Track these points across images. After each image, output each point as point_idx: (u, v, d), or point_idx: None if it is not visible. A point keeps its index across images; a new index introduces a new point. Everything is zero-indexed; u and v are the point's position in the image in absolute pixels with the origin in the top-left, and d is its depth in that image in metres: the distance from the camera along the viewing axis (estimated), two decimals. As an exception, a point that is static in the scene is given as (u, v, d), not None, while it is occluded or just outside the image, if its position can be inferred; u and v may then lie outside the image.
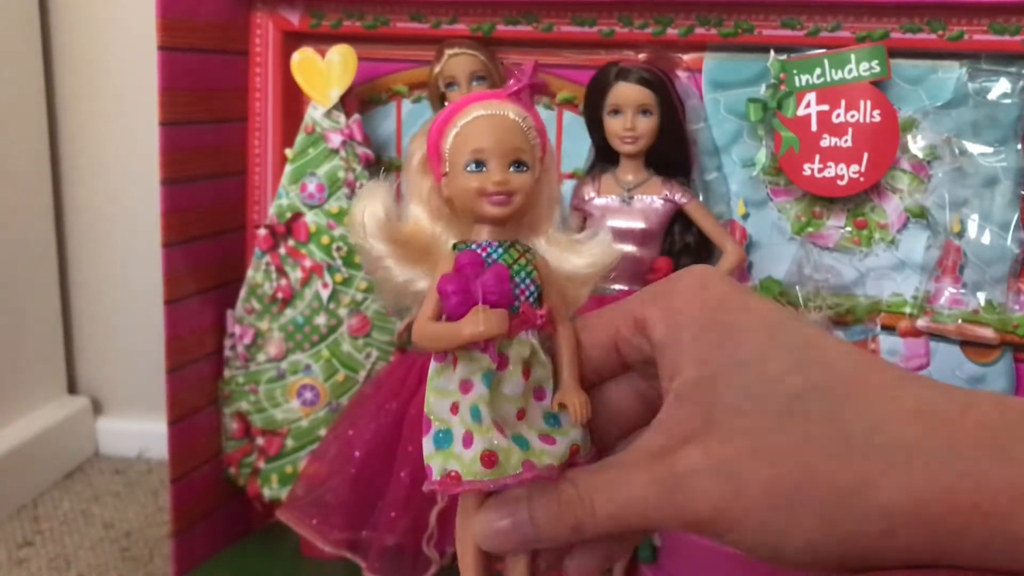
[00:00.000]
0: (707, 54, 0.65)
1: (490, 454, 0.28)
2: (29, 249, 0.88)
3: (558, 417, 0.30)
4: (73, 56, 0.87)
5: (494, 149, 0.29)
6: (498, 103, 0.30)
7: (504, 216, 0.30)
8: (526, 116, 0.30)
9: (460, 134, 0.30)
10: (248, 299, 0.71)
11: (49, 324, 0.92)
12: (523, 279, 0.30)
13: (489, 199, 0.29)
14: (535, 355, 0.30)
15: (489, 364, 0.29)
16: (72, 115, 0.88)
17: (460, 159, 0.29)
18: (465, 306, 0.28)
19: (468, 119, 0.30)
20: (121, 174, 0.88)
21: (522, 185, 0.29)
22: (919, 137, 0.62)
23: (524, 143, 0.30)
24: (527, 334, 0.29)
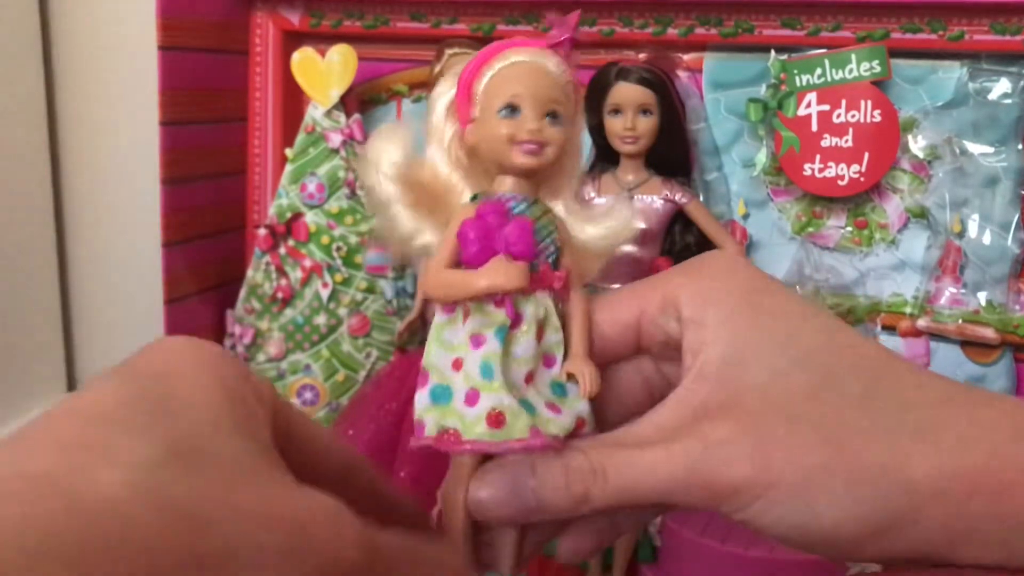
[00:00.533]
0: (707, 54, 0.65)
1: (498, 414, 0.26)
2: (29, 248, 0.88)
3: (564, 387, 0.28)
4: (73, 56, 0.87)
5: (531, 97, 0.28)
6: (539, 51, 0.29)
7: (534, 167, 0.28)
8: (565, 69, 0.29)
9: (496, 78, 0.28)
10: (248, 299, 0.71)
11: (49, 323, 0.92)
12: (543, 237, 0.29)
13: (521, 147, 0.28)
14: (549, 318, 0.28)
15: (504, 320, 0.27)
16: (72, 115, 0.88)
17: (493, 103, 0.28)
18: (485, 254, 0.27)
19: (506, 63, 0.28)
20: (121, 174, 0.88)
21: (555, 137, 0.28)
22: (920, 137, 0.62)
23: (561, 95, 0.28)
24: (543, 295, 0.28)
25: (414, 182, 0.29)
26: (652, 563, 0.64)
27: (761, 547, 0.59)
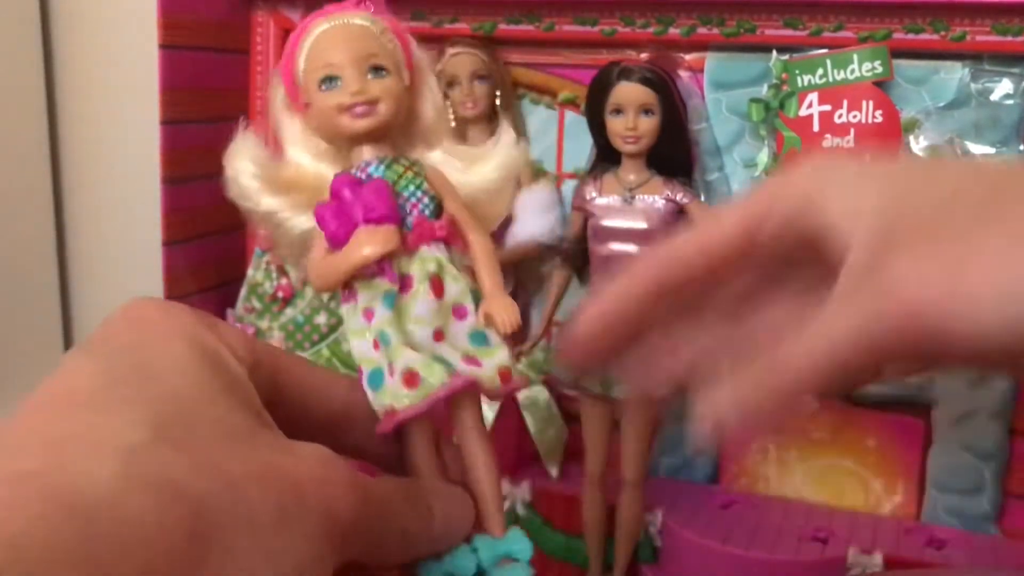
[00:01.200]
0: (709, 54, 0.64)
1: (410, 372, 0.26)
2: (29, 247, 0.88)
3: (486, 335, 0.27)
4: (73, 54, 0.87)
5: (344, 59, 0.27)
6: (340, 13, 0.28)
7: (372, 128, 0.27)
8: (376, 20, 0.28)
9: (308, 55, 0.28)
10: (248, 298, 0.71)
11: (49, 322, 0.92)
12: (413, 192, 0.28)
13: (350, 112, 0.27)
14: (444, 270, 0.27)
15: (388, 286, 0.27)
16: (72, 114, 0.88)
17: (313, 81, 0.27)
18: (346, 229, 0.27)
19: (312, 37, 0.28)
20: (121, 172, 0.88)
21: (385, 90, 0.27)
22: (921, 138, 0.61)
23: (378, 47, 0.28)
24: (431, 249, 0.27)
25: (283, 185, 0.29)
26: (653, 563, 0.64)
27: (761, 547, 0.59)
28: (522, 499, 0.66)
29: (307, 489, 0.21)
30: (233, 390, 0.22)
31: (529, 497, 0.66)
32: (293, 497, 0.21)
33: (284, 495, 0.20)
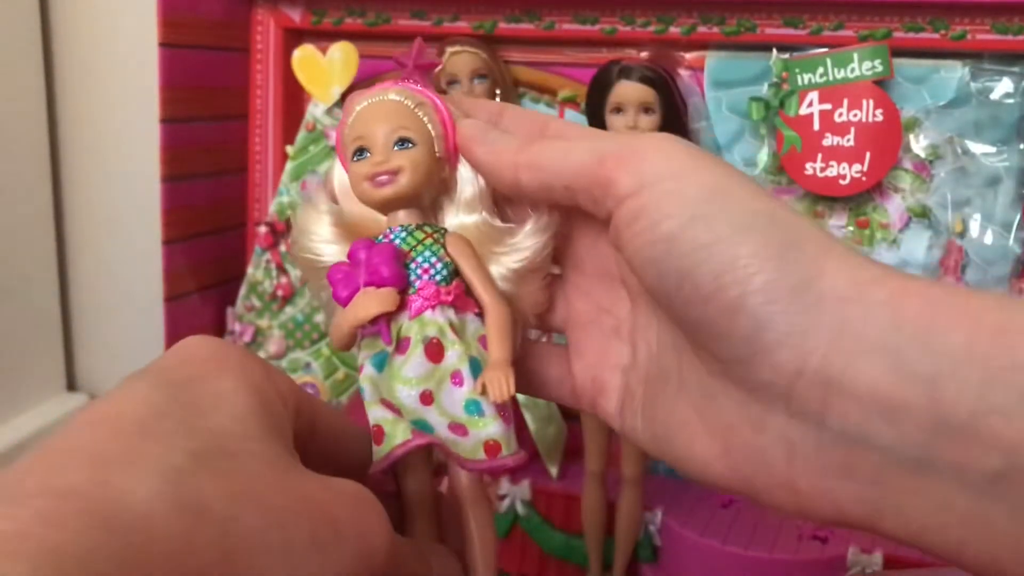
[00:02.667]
0: (709, 52, 0.64)
1: (376, 428, 0.27)
2: (28, 246, 0.88)
3: (479, 405, 0.28)
4: (73, 53, 0.87)
5: (373, 134, 0.29)
6: (380, 90, 0.30)
7: (392, 196, 0.28)
8: (412, 94, 0.29)
9: (349, 129, 0.29)
10: (248, 297, 0.71)
11: (48, 321, 0.92)
12: (427, 258, 0.28)
13: (373, 181, 0.28)
14: (445, 336, 0.28)
15: (382, 347, 0.28)
16: (72, 112, 0.88)
17: (348, 151, 0.29)
18: (350, 289, 0.28)
19: (352, 116, 0.30)
20: (121, 171, 0.88)
21: (408, 161, 0.28)
22: (921, 136, 0.61)
23: (408, 120, 0.29)
24: (435, 313, 0.28)
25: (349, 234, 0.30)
26: (652, 563, 0.64)
27: (761, 546, 0.59)
28: (522, 498, 0.66)
29: (343, 523, 0.22)
30: (274, 428, 0.23)
31: (529, 496, 0.66)
32: (328, 530, 0.21)
33: (319, 526, 0.21)
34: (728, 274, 0.23)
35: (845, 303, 0.22)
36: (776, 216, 0.24)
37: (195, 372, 0.23)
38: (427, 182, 0.29)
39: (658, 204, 0.24)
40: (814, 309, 0.22)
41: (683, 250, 0.23)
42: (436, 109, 0.30)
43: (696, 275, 0.23)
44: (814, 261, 0.23)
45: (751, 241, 0.23)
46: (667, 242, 0.24)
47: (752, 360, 0.23)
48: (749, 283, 0.23)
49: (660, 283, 0.25)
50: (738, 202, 0.24)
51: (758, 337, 0.23)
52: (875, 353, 0.21)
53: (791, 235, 0.23)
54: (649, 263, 0.25)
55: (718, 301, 0.23)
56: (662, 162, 0.25)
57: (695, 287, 0.23)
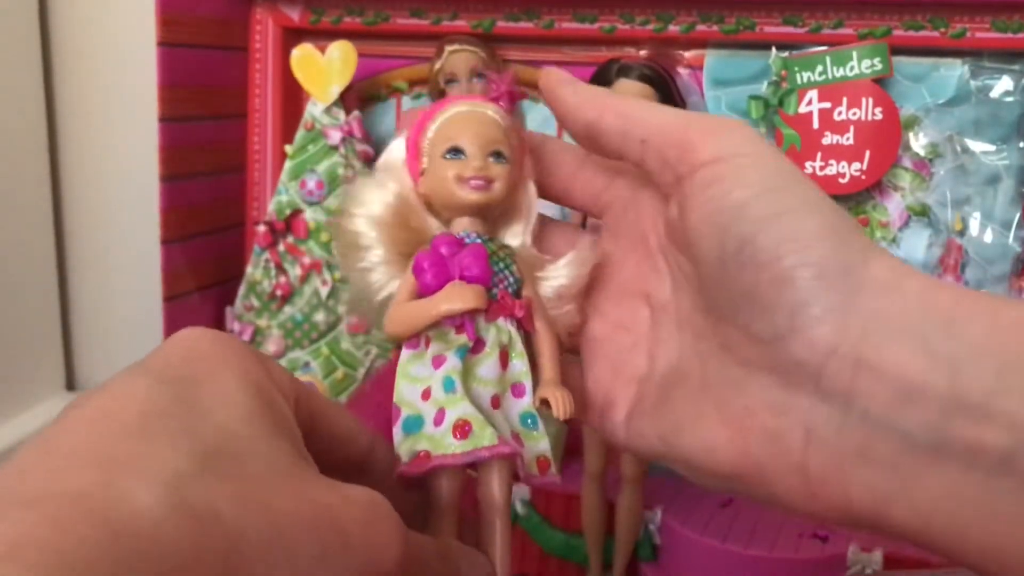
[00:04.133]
0: (708, 51, 0.64)
1: (464, 423, 0.27)
2: (27, 245, 0.87)
3: (536, 419, 0.29)
4: (72, 52, 0.87)
5: (473, 139, 0.29)
6: (478, 101, 0.30)
7: (483, 203, 0.29)
8: (505, 115, 0.30)
9: (440, 127, 0.30)
10: (247, 296, 0.71)
11: (48, 320, 0.92)
12: (501, 269, 0.29)
13: (468, 183, 0.29)
14: (513, 345, 0.29)
15: (465, 341, 0.28)
16: (71, 111, 0.88)
17: (439, 149, 0.29)
18: (440, 280, 0.28)
19: (448, 115, 0.30)
20: (120, 170, 0.88)
21: (502, 174, 0.29)
22: (921, 135, 0.61)
23: (503, 137, 0.30)
24: (506, 323, 0.29)
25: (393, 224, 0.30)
26: (652, 562, 0.64)
27: (760, 545, 0.59)
28: (521, 497, 0.66)
29: (352, 533, 0.21)
30: (281, 428, 0.23)
31: (528, 495, 0.66)
32: (337, 540, 0.21)
33: (327, 536, 0.21)
34: (789, 243, 0.24)
35: (884, 289, 0.24)
36: (834, 206, 0.26)
37: (196, 368, 0.23)
38: (506, 201, 0.30)
39: (735, 174, 0.26)
40: (857, 291, 0.24)
41: (752, 216, 0.25)
42: (519, 136, 0.31)
43: (758, 240, 0.25)
44: (862, 251, 0.24)
45: (816, 218, 0.25)
46: (738, 208, 0.25)
47: (790, 336, 0.24)
48: (806, 255, 0.24)
49: (720, 248, 0.26)
50: (807, 186, 0.26)
51: (802, 311, 0.24)
52: (905, 336, 0.23)
53: (848, 223, 0.25)
54: (714, 228, 0.26)
55: (772, 269, 0.24)
56: (741, 140, 0.27)
57: (754, 252, 0.25)
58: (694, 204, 0.27)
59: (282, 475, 0.21)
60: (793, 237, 0.24)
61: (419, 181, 0.30)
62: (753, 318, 0.25)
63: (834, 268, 0.24)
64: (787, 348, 0.24)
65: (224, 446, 0.21)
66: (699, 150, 0.27)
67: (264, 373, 0.24)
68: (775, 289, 0.24)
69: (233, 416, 0.22)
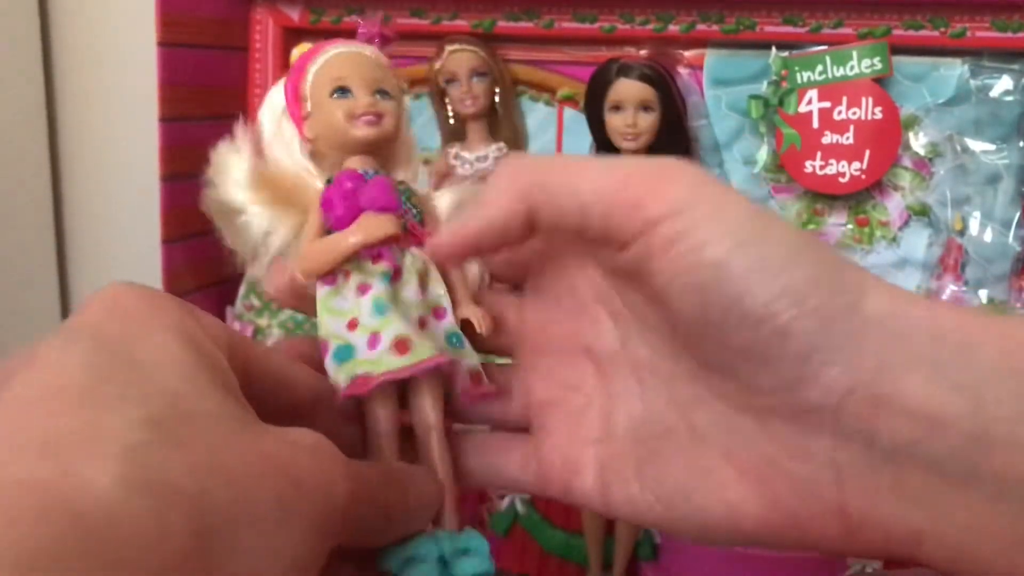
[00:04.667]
0: (708, 50, 0.64)
1: (403, 340, 0.27)
2: (28, 245, 0.87)
3: (461, 337, 0.29)
4: (72, 52, 0.87)
5: (357, 77, 0.29)
6: (353, 42, 0.31)
7: (375, 138, 0.29)
8: (381, 56, 0.31)
9: (321, 70, 0.30)
10: (248, 296, 0.71)
11: (48, 320, 0.92)
12: (405, 201, 0.30)
13: (359, 119, 0.29)
14: (429, 272, 0.29)
15: (385, 268, 0.28)
16: (71, 111, 0.88)
17: (323, 90, 0.30)
18: (352, 212, 0.28)
19: (327, 56, 0.30)
20: (120, 170, 0.88)
21: (389, 109, 0.30)
22: (921, 134, 0.61)
23: (384, 75, 0.30)
24: (418, 251, 0.29)
25: (261, 181, 0.30)
26: (652, 561, 0.64)
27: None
28: (521, 497, 0.66)
29: (305, 479, 0.21)
30: (220, 381, 0.22)
31: (529, 495, 0.66)
32: (291, 489, 0.21)
33: (283, 487, 0.20)
34: (781, 299, 0.23)
35: (889, 320, 0.23)
36: (815, 244, 0.24)
37: (128, 327, 0.21)
38: (396, 137, 0.30)
39: (699, 228, 0.24)
40: (862, 329, 0.23)
41: (733, 275, 0.23)
42: (398, 76, 0.31)
43: (746, 301, 0.23)
44: (857, 285, 0.23)
45: (802, 265, 0.23)
46: (715, 268, 0.23)
47: (800, 384, 0.23)
48: (803, 305, 0.23)
49: (701, 309, 0.24)
50: (779, 229, 0.24)
51: (810, 358, 0.23)
52: (919, 366, 0.22)
53: (835, 261, 0.24)
54: (692, 290, 0.24)
55: (769, 325, 0.23)
56: (690, 187, 0.24)
57: (744, 313, 0.23)
58: (659, 265, 0.24)
59: (231, 431, 0.21)
60: (783, 292, 0.23)
61: (303, 125, 0.30)
62: (755, 372, 0.24)
63: (834, 312, 0.23)
64: (799, 395, 0.23)
65: (171, 409, 0.20)
66: (648, 207, 0.24)
67: (195, 324, 0.23)
68: (776, 344, 0.23)
69: (174, 374, 0.21)
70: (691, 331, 0.25)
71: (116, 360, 0.20)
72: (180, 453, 0.19)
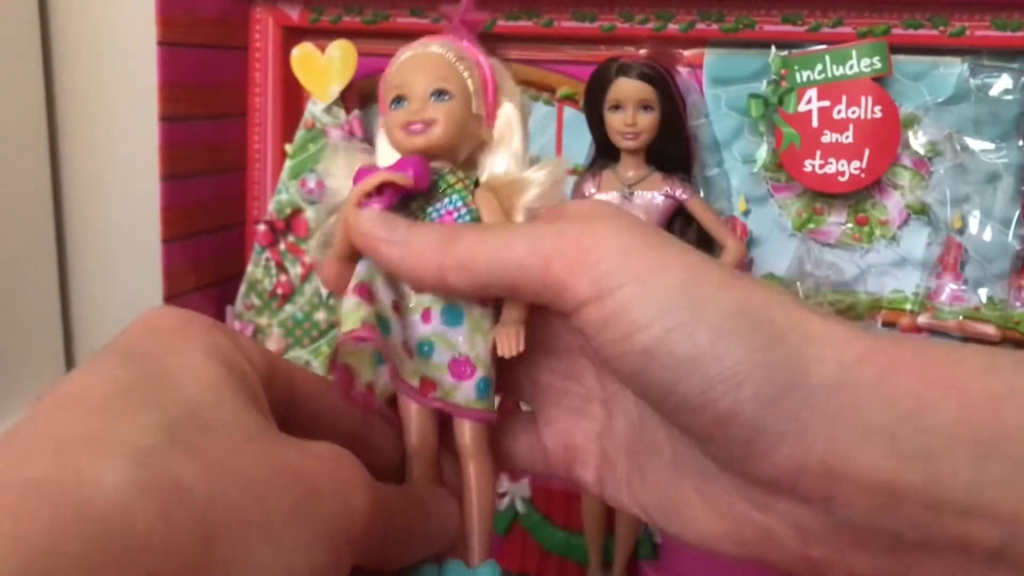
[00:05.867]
0: (708, 50, 0.64)
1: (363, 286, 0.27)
2: (28, 245, 0.88)
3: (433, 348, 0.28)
4: (72, 52, 0.87)
5: (413, 84, 0.29)
6: (425, 41, 0.30)
7: (425, 146, 0.29)
8: (454, 48, 0.30)
9: (388, 79, 0.30)
10: (248, 295, 0.71)
11: (48, 319, 0.92)
12: (453, 201, 0.29)
13: (406, 130, 0.29)
14: None
15: None
16: (71, 111, 0.88)
17: (387, 101, 0.30)
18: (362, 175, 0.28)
19: (397, 63, 0.30)
20: (120, 170, 0.88)
21: (443, 112, 0.29)
22: (920, 133, 0.61)
23: (448, 73, 0.29)
24: None
25: None
26: (653, 560, 0.64)
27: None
28: (522, 496, 0.67)
29: (323, 489, 0.21)
30: (246, 394, 0.22)
31: (529, 493, 0.66)
32: (308, 497, 0.21)
33: (299, 495, 0.20)
34: (717, 387, 0.22)
35: (836, 391, 0.22)
36: (752, 311, 0.23)
37: (160, 345, 0.22)
38: (460, 136, 0.29)
39: (626, 312, 0.23)
40: (807, 405, 0.22)
41: (663, 363, 0.22)
42: (477, 64, 0.30)
43: (680, 389, 0.22)
44: (799, 357, 0.22)
45: (735, 349, 0.22)
46: (644, 355, 0.23)
47: (750, 462, 0.23)
48: (740, 392, 0.22)
49: (644, 393, 0.24)
50: (712, 302, 0.23)
51: (756, 440, 0.22)
52: (872, 437, 0.21)
53: (771, 331, 0.22)
54: (628, 375, 0.24)
55: (708, 412, 0.22)
56: (617, 260, 0.23)
57: (682, 400, 0.23)
58: (597, 346, 0.24)
59: (247, 439, 0.21)
60: (717, 380, 0.22)
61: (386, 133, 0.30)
62: (705, 448, 0.24)
63: (775, 392, 0.22)
64: (751, 471, 0.23)
65: (189, 417, 0.20)
66: (573, 290, 0.23)
67: (230, 343, 0.23)
68: (719, 427, 0.22)
69: (198, 386, 0.21)
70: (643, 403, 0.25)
71: (141, 372, 0.21)
72: (192, 457, 0.19)
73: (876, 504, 0.22)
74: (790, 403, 0.22)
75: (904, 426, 0.21)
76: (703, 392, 0.22)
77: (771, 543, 0.24)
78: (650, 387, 0.23)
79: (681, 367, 0.22)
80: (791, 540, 0.24)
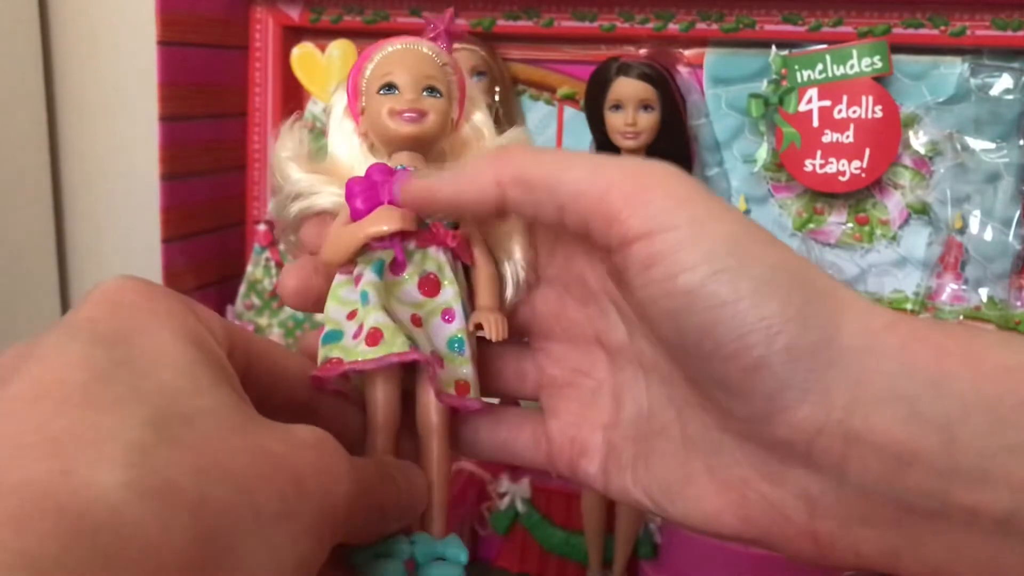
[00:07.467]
0: (708, 49, 0.64)
1: (375, 331, 0.27)
2: (28, 244, 0.88)
3: (463, 344, 0.29)
4: (72, 51, 0.87)
5: (406, 74, 0.30)
6: (413, 39, 0.31)
7: (417, 135, 0.29)
8: (441, 52, 0.31)
9: (375, 66, 0.30)
10: (248, 295, 0.71)
11: (48, 320, 0.92)
12: None
13: (400, 116, 0.29)
14: (444, 273, 0.29)
15: (383, 255, 0.29)
16: (71, 110, 0.88)
17: (374, 86, 0.30)
18: (369, 204, 0.28)
19: (383, 53, 0.30)
20: (120, 169, 0.88)
21: (435, 107, 0.30)
22: (921, 133, 0.61)
23: (438, 73, 0.30)
24: (438, 252, 0.29)
25: (317, 169, 0.31)
26: (653, 560, 0.64)
27: (761, 543, 0.59)
28: (521, 496, 0.66)
29: (307, 477, 0.21)
30: (220, 377, 0.22)
31: (529, 493, 0.66)
32: (293, 488, 0.21)
33: (285, 486, 0.20)
34: (752, 334, 0.22)
35: (862, 354, 0.22)
36: (793, 269, 0.23)
37: (126, 323, 0.21)
38: (443, 133, 0.30)
39: (674, 253, 0.23)
40: (834, 365, 0.22)
41: (704, 305, 0.23)
42: (458, 73, 0.31)
43: (717, 332, 0.23)
44: (831, 317, 0.23)
45: (775, 299, 0.22)
46: (686, 295, 0.23)
47: (771, 418, 0.23)
48: (773, 343, 0.22)
49: (678, 337, 0.24)
50: (758, 255, 0.23)
51: (780, 395, 0.23)
52: (891, 402, 0.22)
53: (809, 290, 0.23)
54: (666, 315, 0.24)
55: (740, 360, 0.23)
56: (673, 204, 0.24)
57: (716, 345, 0.23)
58: (636, 285, 0.24)
59: (231, 430, 0.21)
60: (755, 326, 0.22)
61: (359, 120, 0.31)
62: (728, 401, 0.24)
63: (805, 348, 0.22)
64: (770, 429, 0.23)
65: (171, 408, 0.20)
66: (626, 222, 0.24)
67: (195, 320, 0.23)
68: (747, 377, 0.23)
69: (173, 372, 0.21)
70: (672, 352, 0.25)
71: (114, 357, 0.20)
72: (182, 454, 0.19)
73: (889, 470, 0.22)
74: (818, 361, 0.22)
75: (924, 393, 0.22)
76: (739, 337, 0.22)
77: (778, 518, 0.24)
78: (687, 329, 0.23)
79: (722, 310, 0.23)
80: (799, 513, 0.24)
